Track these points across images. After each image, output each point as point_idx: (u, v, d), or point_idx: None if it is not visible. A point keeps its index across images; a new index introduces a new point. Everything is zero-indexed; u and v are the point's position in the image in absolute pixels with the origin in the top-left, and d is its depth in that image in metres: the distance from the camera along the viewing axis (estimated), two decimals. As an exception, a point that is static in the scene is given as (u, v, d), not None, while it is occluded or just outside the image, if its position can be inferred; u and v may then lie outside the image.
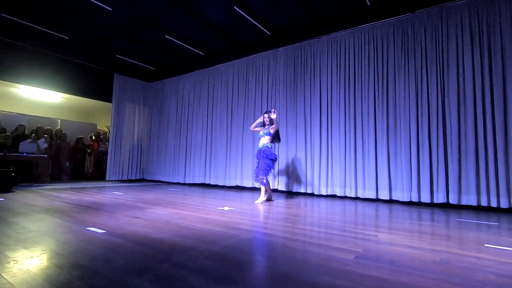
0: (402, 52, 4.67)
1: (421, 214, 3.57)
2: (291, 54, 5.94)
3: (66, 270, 1.46)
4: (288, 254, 1.82)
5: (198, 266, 1.54)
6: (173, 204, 3.95)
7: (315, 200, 4.88)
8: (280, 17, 5.29)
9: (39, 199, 4.08)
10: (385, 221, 3.18)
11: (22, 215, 2.90)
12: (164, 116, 8.31)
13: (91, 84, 7.83)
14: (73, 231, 2.30)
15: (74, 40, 6.47)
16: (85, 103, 9.28)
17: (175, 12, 5.20)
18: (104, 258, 1.66)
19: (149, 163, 8.46)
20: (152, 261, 1.62)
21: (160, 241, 2.03)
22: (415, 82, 4.50)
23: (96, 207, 3.54)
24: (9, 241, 1.99)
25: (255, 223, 2.82)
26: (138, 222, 2.68)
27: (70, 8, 5.16)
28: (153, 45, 6.65)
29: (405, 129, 4.50)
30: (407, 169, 4.41)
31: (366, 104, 4.93)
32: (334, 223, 2.90)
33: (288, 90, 5.90)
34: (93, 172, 8.43)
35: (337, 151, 5.16)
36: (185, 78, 7.89)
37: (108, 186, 6.47)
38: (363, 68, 5.03)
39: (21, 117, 8.04)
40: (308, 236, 2.38)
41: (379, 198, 4.67)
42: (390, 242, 2.13)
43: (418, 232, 2.59)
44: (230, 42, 6.39)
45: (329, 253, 1.83)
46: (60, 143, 7.88)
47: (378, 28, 4.93)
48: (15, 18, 5.43)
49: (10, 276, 1.38)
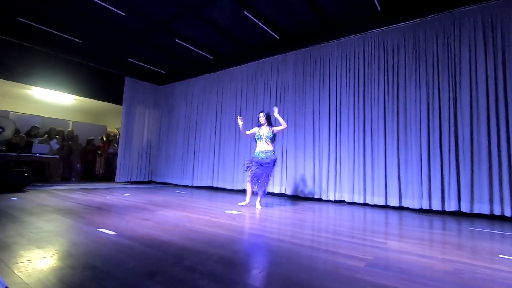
0: (413, 58, 4.63)
1: (432, 222, 3.51)
2: (300, 58, 5.96)
3: (79, 271, 1.49)
4: (297, 260, 1.81)
5: (208, 270, 1.55)
6: (182, 206, 3.98)
7: (323, 205, 4.84)
8: (289, 21, 5.31)
9: (51, 199, 4.16)
10: (395, 228, 3.13)
11: (35, 215, 2.96)
12: (173, 119, 8.40)
13: (102, 86, 7.97)
14: (84, 232, 2.34)
15: (87, 44, 6.62)
16: (96, 105, 9.45)
17: (187, 17, 5.28)
18: (116, 260, 1.68)
19: (157, 165, 8.55)
20: (163, 264, 1.64)
21: (170, 244, 2.05)
22: (426, 88, 4.45)
23: (107, 208, 3.59)
24: (23, 240, 2.04)
25: (263, 227, 2.82)
26: (148, 224, 2.71)
27: (85, 13, 5.29)
28: (164, 49, 6.76)
29: (416, 136, 4.44)
30: (417, 176, 4.35)
31: (376, 110, 4.90)
32: (343, 229, 2.88)
33: (296, 95, 5.90)
34: (103, 173, 8.56)
35: (345, 156, 5.13)
36: (194, 82, 7.98)
37: (117, 188, 6.55)
38: (373, 74, 5.00)
39: (34, 118, 8.24)
40: (316, 242, 2.36)
41: (389, 204, 4.61)
42: (400, 250, 2.10)
43: (429, 240, 2.55)
44: (239, 47, 6.45)
45: (338, 260, 1.81)
46: (72, 144, 8.04)
47: (389, 34, 4.90)
48: (32, 22, 5.59)
49: (25, 275, 1.41)
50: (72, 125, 9.09)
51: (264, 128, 4.16)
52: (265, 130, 4.14)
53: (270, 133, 4.11)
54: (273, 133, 4.15)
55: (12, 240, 2.04)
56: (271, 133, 4.12)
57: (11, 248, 1.84)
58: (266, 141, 4.10)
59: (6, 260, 1.60)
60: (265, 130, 4.14)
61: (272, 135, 4.12)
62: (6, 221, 2.61)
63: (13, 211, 3.14)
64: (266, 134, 4.11)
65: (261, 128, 4.17)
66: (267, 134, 4.11)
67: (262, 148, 4.12)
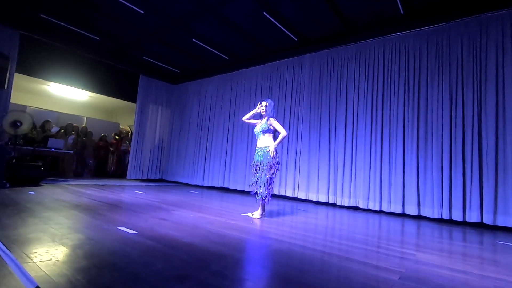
0: (435, 63, 4.51)
1: (455, 233, 3.39)
2: (317, 61, 5.88)
3: (107, 272, 1.46)
4: (326, 269, 1.74)
5: (237, 276, 1.50)
6: (197, 207, 3.94)
7: (337, 211, 4.75)
8: (308, 23, 5.25)
9: (67, 195, 4.18)
10: (418, 238, 3.03)
11: (54, 210, 2.96)
12: (185, 118, 8.41)
13: (117, 84, 8.04)
14: (105, 230, 2.31)
15: (105, 41, 6.66)
16: (110, 102, 9.55)
17: (205, 17, 5.27)
18: (142, 261, 1.64)
19: (168, 164, 8.56)
20: (190, 267, 1.60)
21: (193, 246, 2.01)
22: (449, 94, 4.33)
23: (123, 206, 3.58)
24: (45, 236, 2.02)
25: (284, 232, 2.75)
26: (167, 224, 2.67)
27: (104, 10, 5.32)
28: (180, 48, 6.76)
29: (437, 143, 4.32)
30: (438, 184, 4.22)
31: (395, 115, 4.79)
32: (365, 237, 2.79)
33: (312, 98, 5.83)
34: (114, 170, 8.61)
35: (361, 161, 5.02)
36: (208, 82, 7.97)
37: (130, 185, 6.57)
38: (393, 78, 4.90)
39: (50, 113, 8.35)
40: (340, 250, 2.28)
41: (406, 213, 4.49)
42: (431, 263, 2.01)
43: (459, 253, 2.44)
44: (255, 47, 6.41)
45: (370, 272, 1.74)
46: (86, 140, 8.11)
47: (411, 38, 4.79)
48: (53, 19, 5.65)
49: (54, 274, 1.38)
50: (86, 121, 9.19)
51: (262, 121, 3.50)
52: (261, 122, 3.48)
53: (265, 124, 3.40)
54: (270, 124, 3.41)
55: (35, 235, 2.02)
56: (266, 125, 3.40)
57: (35, 244, 1.83)
58: (261, 135, 3.44)
59: (32, 257, 1.58)
60: (261, 122, 3.49)
61: (266, 127, 3.39)
62: (27, 216, 2.61)
63: (32, 205, 3.15)
64: (261, 127, 3.43)
65: (261, 121, 3.54)
66: (261, 126, 3.43)
67: (259, 144, 3.45)
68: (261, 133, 3.43)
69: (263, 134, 3.43)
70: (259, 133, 3.45)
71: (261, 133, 3.44)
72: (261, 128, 3.43)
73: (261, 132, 3.43)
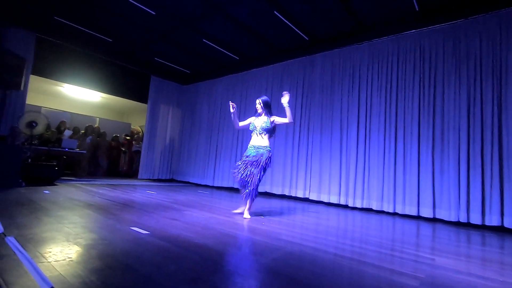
0: (452, 62, 4.37)
1: (474, 237, 3.27)
2: (328, 60, 5.80)
3: (120, 273, 1.45)
4: (341, 273, 1.69)
5: (253, 280, 1.46)
6: (208, 207, 3.93)
7: (349, 212, 4.67)
8: (320, 22, 5.18)
9: (80, 194, 4.24)
10: (435, 242, 2.93)
11: (68, 209, 2.99)
12: (196, 118, 8.44)
13: (129, 85, 8.14)
14: (117, 230, 2.32)
15: (117, 43, 6.75)
16: (121, 103, 9.68)
17: (215, 17, 5.27)
18: (155, 262, 1.63)
19: (179, 164, 8.61)
20: (203, 269, 1.57)
21: (205, 247, 1.98)
22: (466, 94, 4.18)
23: (135, 206, 3.60)
24: (60, 236, 2.04)
25: (296, 234, 2.71)
26: (178, 224, 2.66)
27: (117, 12, 5.39)
28: (190, 49, 6.79)
29: (454, 144, 4.18)
30: (455, 186, 4.09)
31: (410, 115, 4.66)
32: (380, 240, 2.71)
33: (324, 97, 5.75)
34: (126, 170, 8.72)
35: (375, 162, 4.92)
36: (218, 82, 7.97)
37: (141, 185, 6.64)
38: (407, 77, 4.77)
39: (64, 114, 8.53)
40: (355, 253, 2.22)
41: (421, 215, 4.36)
42: (452, 268, 1.93)
43: (480, 258, 2.34)
44: (266, 47, 6.37)
45: (388, 276, 1.68)
46: (100, 140, 8.25)
47: (426, 35, 4.66)
48: (67, 21, 5.76)
49: (68, 274, 1.37)
50: (99, 122, 9.34)
51: (260, 118, 3.43)
52: (261, 120, 3.39)
53: (268, 123, 3.33)
54: (272, 124, 3.36)
55: (50, 235, 2.04)
56: (269, 123, 3.33)
57: (50, 244, 1.84)
58: (260, 133, 3.35)
59: (47, 256, 1.59)
60: (261, 120, 3.40)
61: (269, 126, 3.33)
62: (42, 215, 2.65)
63: (47, 204, 3.20)
64: (261, 125, 3.35)
65: (257, 118, 3.46)
66: (261, 124, 3.35)
67: (255, 142, 3.37)
68: (264, 131, 3.35)
69: (264, 132, 3.35)
70: (260, 130, 3.34)
71: (262, 131, 3.34)
72: (264, 126, 3.34)
73: (262, 130, 3.34)
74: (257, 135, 3.36)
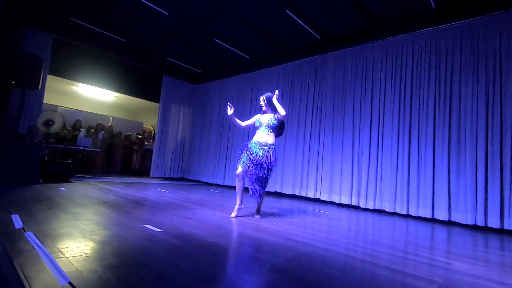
0: (470, 60, 4.24)
1: (492, 241, 3.17)
2: (340, 59, 5.73)
3: (135, 270, 1.47)
4: (356, 275, 1.67)
5: (265, 280, 1.46)
6: (219, 206, 3.95)
7: (361, 214, 4.60)
8: (332, 21, 5.12)
9: (94, 191, 4.33)
10: (451, 245, 2.86)
11: (83, 206, 3.07)
12: (207, 118, 8.49)
13: (141, 84, 8.28)
14: (131, 228, 2.36)
15: (130, 43, 6.87)
16: (134, 102, 9.84)
17: (227, 17, 5.28)
18: (168, 260, 1.65)
19: (190, 163, 8.69)
20: (216, 268, 1.58)
21: (218, 246, 1.99)
22: (485, 94, 4.05)
23: (147, 204, 3.65)
24: (76, 232, 2.08)
25: (308, 235, 2.69)
26: (191, 223, 2.69)
27: (131, 12, 5.48)
28: (202, 49, 6.83)
29: (471, 145, 4.06)
30: (471, 188, 3.97)
31: (424, 115, 4.56)
32: (394, 242, 2.66)
33: (335, 97, 5.68)
34: (138, 168, 8.86)
35: (388, 163, 4.83)
36: (229, 81, 8.00)
37: (153, 183, 6.73)
38: (422, 77, 4.66)
39: (79, 113, 8.74)
40: (369, 255, 2.18)
41: (435, 218, 4.25)
42: (471, 273, 1.87)
43: (499, 263, 2.27)
44: (277, 47, 6.35)
45: (404, 280, 1.64)
46: (114, 139, 8.42)
47: (442, 33, 4.54)
48: (83, 22, 5.89)
49: (85, 270, 1.40)
50: (112, 121, 9.53)
51: (266, 115, 3.33)
52: (267, 117, 3.29)
53: (274, 120, 3.23)
54: (278, 120, 3.25)
55: (66, 231, 2.09)
56: (275, 120, 3.23)
57: (66, 239, 1.88)
58: (266, 130, 3.23)
59: (64, 252, 1.63)
60: (267, 117, 3.29)
61: (276, 123, 3.23)
62: (59, 211, 2.72)
63: (63, 201, 3.28)
64: (267, 122, 3.24)
65: (263, 115, 3.37)
66: (268, 121, 3.24)
67: (260, 138, 3.23)
68: (268, 129, 3.23)
69: (270, 130, 3.23)
70: (266, 128, 3.23)
71: (268, 129, 3.23)
72: (269, 123, 3.23)
73: (268, 128, 3.23)
74: (262, 131, 3.25)
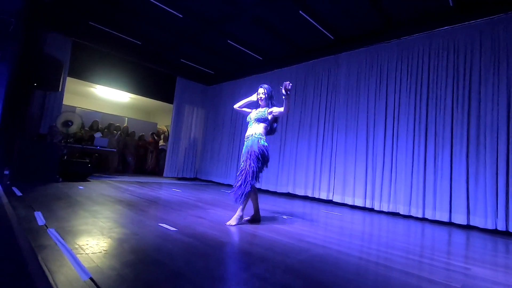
0: (490, 59, 4.11)
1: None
2: (354, 59, 5.66)
3: (152, 268, 1.51)
4: (370, 278, 1.65)
5: (278, 281, 1.47)
6: (231, 206, 3.98)
7: (375, 216, 4.53)
8: (346, 20, 5.06)
9: (111, 190, 4.45)
10: (470, 250, 2.78)
11: (101, 204, 3.16)
12: (219, 118, 8.57)
13: (156, 86, 8.46)
14: (147, 226, 2.42)
15: (145, 46, 7.02)
16: (148, 103, 10.04)
17: (240, 18, 5.32)
18: (184, 259, 1.68)
19: (202, 163, 8.79)
20: (230, 268, 1.60)
21: (231, 246, 2.02)
22: (506, 93, 3.91)
23: (162, 203, 3.73)
24: (95, 229, 2.16)
25: (321, 236, 2.67)
26: (204, 223, 2.72)
27: (146, 16, 5.60)
28: (215, 50, 6.91)
29: (491, 146, 3.93)
30: (491, 192, 3.84)
31: (442, 115, 4.44)
32: (409, 246, 2.61)
33: (349, 97, 5.62)
34: (152, 168, 9.03)
35: (403, 164, 4.73)
36: (242, 82, 8.04)
37: (167, 183, 6.85)
38: (440, 76, 4.55)
39: (96, 114, 9.00)
40: (383, 258, 2.15)
41: (453, 222, 4.14)
42: (491, 279, 1.82)
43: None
44: (290, 47, 6.34)
45: (419, 284, 1.61)
46: (128, 139, 8.62)
47: (461, 31, 4.42)
48: (101, 26, 6.07)
49: (105, 266, 1.45)
50: (127, 121, 9.76)
51: (258, 110, 3.04)
52: (257, 111, 3.03)
53: (263, 113, 2.95)
54: (269, 114, 2.95)
55: (86, 228, 2.17)
56: (265, 113, 2.94)
57: (86, 236, 1.95)
58: (253, 123, 2.99)
59: (84, 248, 1.69)
60: (257, 112, 3.02)
61: (264, 115, 2.94)
62: (78, 209, 2.82)
63: (82, 199, 3.39)
64: (255, 116, 2.98)
65: (255, 110, 3.07)
66: (255, 115, 2.98)
67: (248, 132, 3.00)
68: (255, 121, 2.97)
69: (257, 122, 2.97)
70: (253, 120, 2.99)
71: (255, 121, 2.98)
72: (256, 116, 2.97)
73: (255, 120, 2.97)
74: (249, 127, 3.02)
